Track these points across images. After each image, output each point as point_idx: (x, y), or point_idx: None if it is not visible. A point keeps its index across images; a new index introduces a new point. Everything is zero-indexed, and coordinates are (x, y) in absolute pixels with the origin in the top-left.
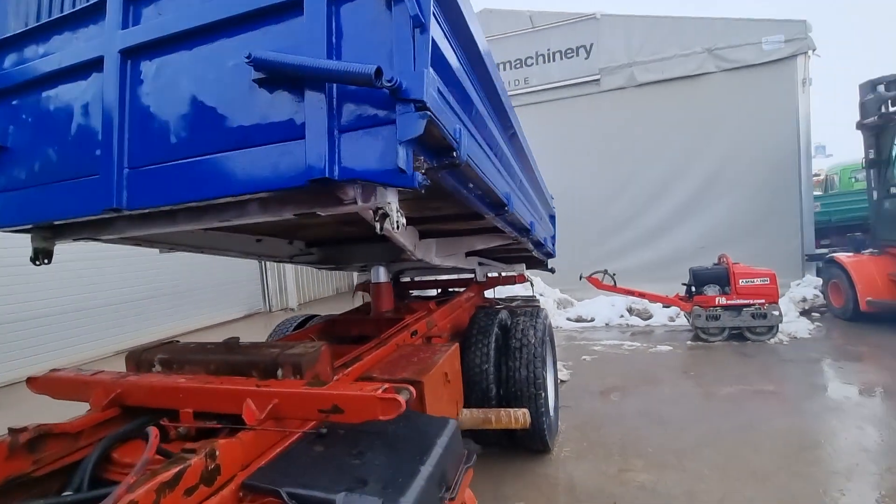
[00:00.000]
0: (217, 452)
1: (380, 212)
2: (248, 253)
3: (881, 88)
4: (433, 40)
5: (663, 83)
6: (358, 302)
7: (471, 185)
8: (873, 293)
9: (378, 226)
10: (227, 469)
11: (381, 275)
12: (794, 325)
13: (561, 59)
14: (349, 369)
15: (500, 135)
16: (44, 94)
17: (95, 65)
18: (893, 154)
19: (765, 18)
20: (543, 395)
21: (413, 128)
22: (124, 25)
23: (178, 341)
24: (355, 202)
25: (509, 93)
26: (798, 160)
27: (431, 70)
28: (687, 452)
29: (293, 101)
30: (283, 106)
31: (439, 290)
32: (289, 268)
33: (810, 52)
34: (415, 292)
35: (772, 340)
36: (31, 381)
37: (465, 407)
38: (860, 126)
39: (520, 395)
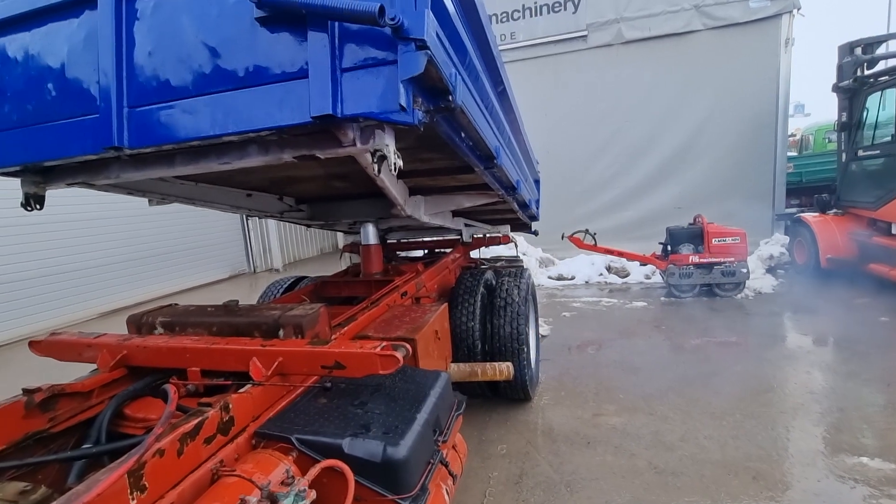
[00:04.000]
0: (230, 405)
1: (378, 154)
2: (237, 207)
3: (858, 51)
4: None
5: (650, 41)
6: (346, 263)
7: (463, 135)
8: (833, 251)
9: (376, 167)
10: (241, 420)
11: (371, 237)
12: (759, 281)
13: (548, 12)
14: (345, 328)
15: (491, 88)
16: (34, 32)
17: (88, 1)
18: (864, 117)
19: None
20: (526, 349)
21: (414, 66)
22: None
23: (177, 304)
24: (354, 144)
25: None
26: (775, 121)
27: (430, 12)
28: (655, 397)
29: (295, 40)
30: (286, 44)
31: (426, 251)
32: (272, 229)
33: (795, 11)
34: (402, 253)
35: (738, 296)
36: (34, 345)
37: (452, 362)
38: (836, 88)
39: (504, 349)
